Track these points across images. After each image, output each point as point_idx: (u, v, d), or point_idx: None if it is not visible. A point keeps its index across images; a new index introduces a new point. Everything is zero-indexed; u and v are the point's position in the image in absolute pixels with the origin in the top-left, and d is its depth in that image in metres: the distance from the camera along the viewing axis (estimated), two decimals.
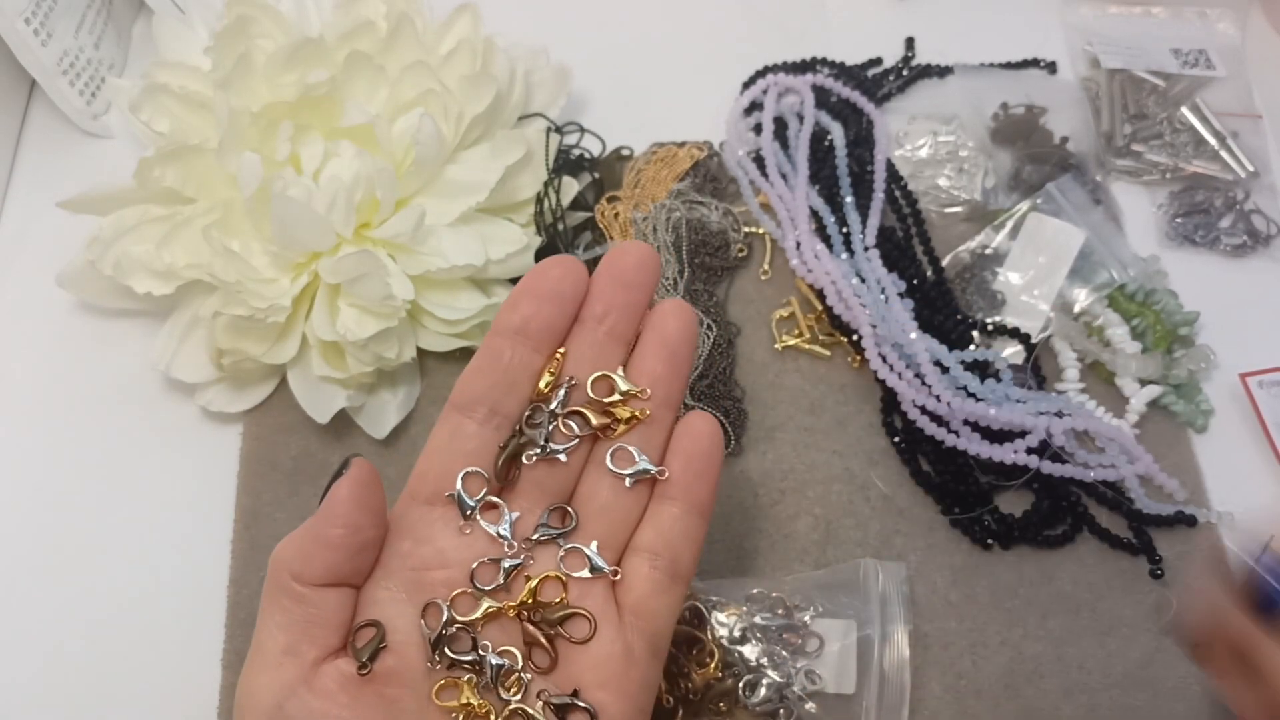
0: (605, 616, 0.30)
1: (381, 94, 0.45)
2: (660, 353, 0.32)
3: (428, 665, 0.29)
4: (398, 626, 0.29)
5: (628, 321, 0.32)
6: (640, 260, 0.32)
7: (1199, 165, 0.52)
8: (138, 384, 0.47)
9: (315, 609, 0.28)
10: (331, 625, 0.28)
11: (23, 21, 0.48)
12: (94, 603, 0.42)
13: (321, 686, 0.27)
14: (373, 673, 0.28)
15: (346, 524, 0.28)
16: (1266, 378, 0.46)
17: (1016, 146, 0.52)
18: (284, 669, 0.28)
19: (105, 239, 0.43)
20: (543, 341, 0.31)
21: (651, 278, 0.32)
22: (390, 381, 0.45)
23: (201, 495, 0.44)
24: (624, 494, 0.31)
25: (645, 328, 0.32)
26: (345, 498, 0.28)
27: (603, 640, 0.30)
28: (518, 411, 0.31)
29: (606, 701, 0.29)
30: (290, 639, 0.28)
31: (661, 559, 0.31)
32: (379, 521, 0.29)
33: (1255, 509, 0.43)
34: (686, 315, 0.32)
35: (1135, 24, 0.57)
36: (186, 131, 0.45)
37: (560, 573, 0.30)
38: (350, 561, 0.29)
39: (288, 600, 0.28)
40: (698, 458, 0.31)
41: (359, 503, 0.28)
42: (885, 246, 0.48)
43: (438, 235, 0.44)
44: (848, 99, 0.52)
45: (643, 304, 0.32)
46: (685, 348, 0.32)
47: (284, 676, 0.28)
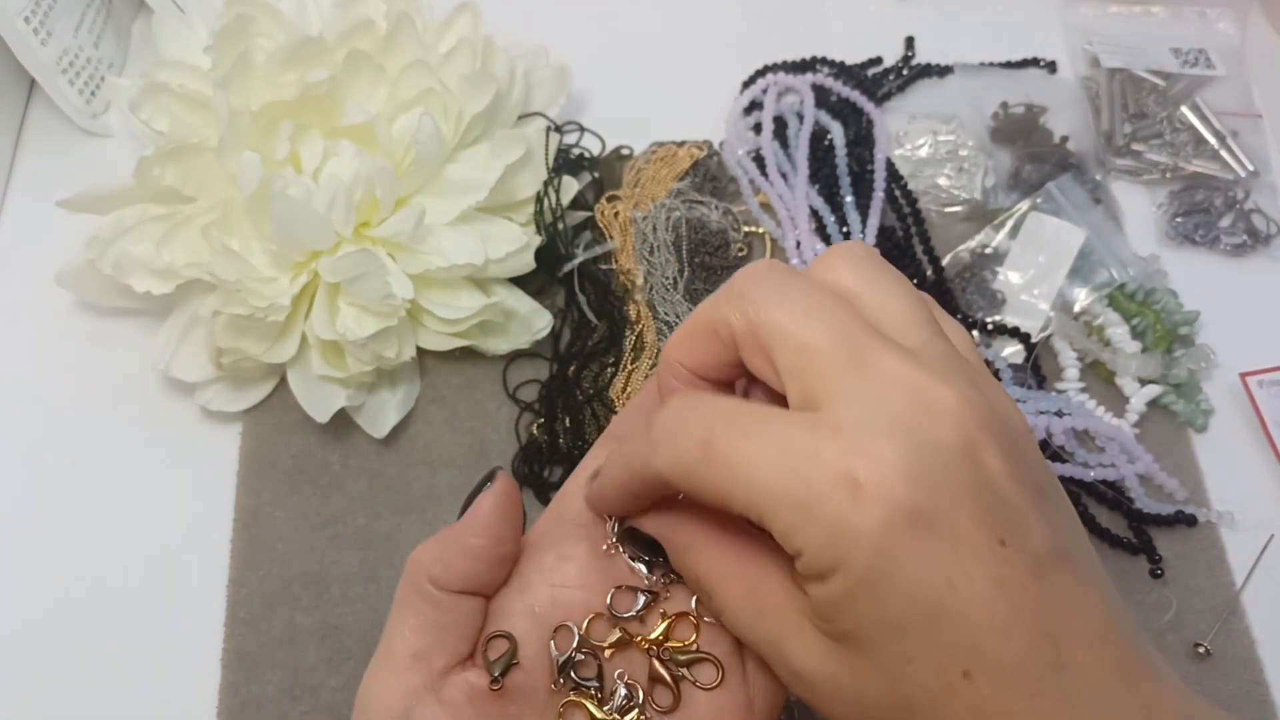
0: (730, 666, 0.29)
1: (381, 93, 0.45)
2: None
3: (551, 686, 0.28)
4: (526, 643, 0.29)
5: None
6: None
7: (1199, 165, 0.52)
8: (137, 383, 0.47)
9: (448, 614, 0.28)
10: (463, 633, 0.28)
11: (22, 20, 0.48)
12: (93, 602, 0.42)
13: (448, 697, 0.27)
14: (502, 688, 0.28)
15: (489, 535, 0.28)
16: (1266, 377, 0.46)
17: (1016, 146, 0.52)
18: (413, 674, 0.27)
19: (105, 238, 0.43)
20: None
21: None
22: (390, 381, 0.45)
23: (201, 494, 0.44)
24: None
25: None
26: (489, 509, 0.28)
27: (726, 690, 0.29)
28: None
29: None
30: (421, 644, 0.28)
31: None
32: (517, 536, 0.29)
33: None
34: None
35: (1135, 23, 0.57)
36: (186, 130, 0.45)
37: (693, 614, 0.30)
38: (488, 572, 0.29)
39: (423, 604, 0.28)
40: None
41: (502, 515, 0.28)
42: (885, 246, 0.48)
43: (437, 234, 0.44)
44: (847, 98, 0.52)
45: None
46: None
47: (412, 682, 0.27)
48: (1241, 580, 0.42)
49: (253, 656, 0.41)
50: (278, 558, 0.43)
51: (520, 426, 0.45)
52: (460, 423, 0.46)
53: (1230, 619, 0.41)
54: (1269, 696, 0.40)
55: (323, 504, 0.44)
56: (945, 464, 0.23)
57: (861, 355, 0.24)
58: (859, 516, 0.22)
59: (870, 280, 0.26)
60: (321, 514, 0.44)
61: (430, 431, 0.46)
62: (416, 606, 0.28)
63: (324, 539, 0.43)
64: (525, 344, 0.46)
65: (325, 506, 0.44)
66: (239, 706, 0.40)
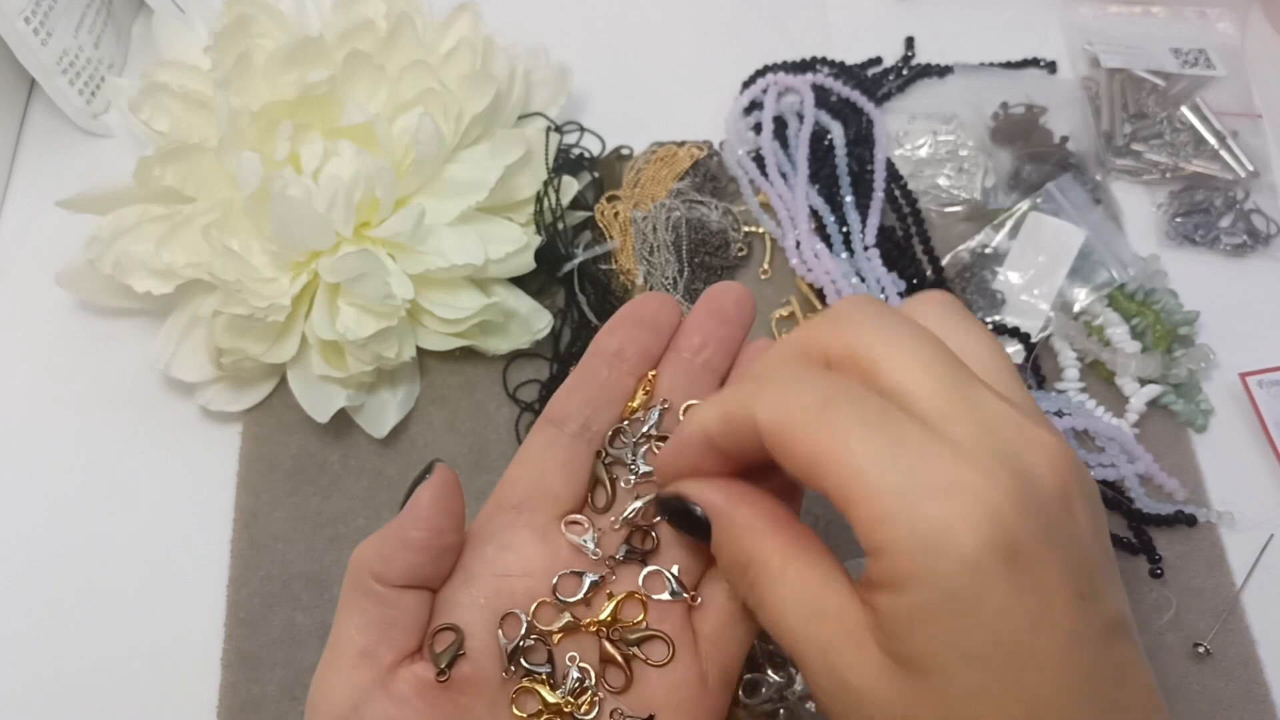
0: (682, 642, 0.30)
1: (381, 93, 0.45)
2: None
3: (502, 675, 0.29)
4: (474, 633, 0.29)
5: (723, 355, 0.33)
6: (739, 299, 0.33)
7: (1199, 165, 0.52)
8: (137, 383, 0.47)
9: (393, 610, 0.28)
10: (409, 627, 0.28)
11: (22, 21, 0.48)
12: (93, 602, 0.42)
13: (397, 691, 0.28)
14: (449, 679, 0.28)
15: (429, 526, 0.28)
16: (1266, 377, 0.46)
17: (1016, 146, 0.52)
18: (360, 670, 0.28)
19: (105, 238, 0.43)
20: (637, 365, 0.32)
21: (749, 316, 0.33)
22: (390, 381, 0.45)
23: (201, 494, 0.44)
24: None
25: (738, 364, 0.33)
26: (429, 501, 0.29)
27: (678, 665, 0.29)
28: (609, 427, 0.32)
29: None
30: (367, 640, 0.28)
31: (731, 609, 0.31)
32: (459, 526, 0.29)
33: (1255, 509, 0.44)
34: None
35: (1135, 23, 0.57)
36: (186, 131, 0.45)
37: (641, 593, 0.30)
38: (431, 564, 0.29)
39: (367, 600, 0.28)
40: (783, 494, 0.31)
41: (442, 506, 0.29)
42: (885, 246, 0.48)
43: (437, 234, 0.44)
44: (847, 98, 0.52)
45: (738, 340, 0.33)
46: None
47: (360, 678, 0.28)
48: (1241, 580, 0.42)
49: (253, 656, 0.41)
50: (278, 558, 0.43)
51: (520, 426, 0.45)
52: (460, 423, 0.46)
53: (1230, 619, 0.41)
54: (1269, 696, 0.40)
55: (323, 504, 0.44)
56: (1046, 505, 0.22)
57: (969, 386, 0.24)
58: (962, 528, 0.21)
59: (960, 327, 0.26)
60: (322, 514, 0.44)
61: (430, 431, 0.46)
62: (361, 604, 0.28)
63: (324, 539, 0.43)
64: (525, 344, 0.46)
65: (325, 506, 0.44)
66: (239, 706, 0.40)
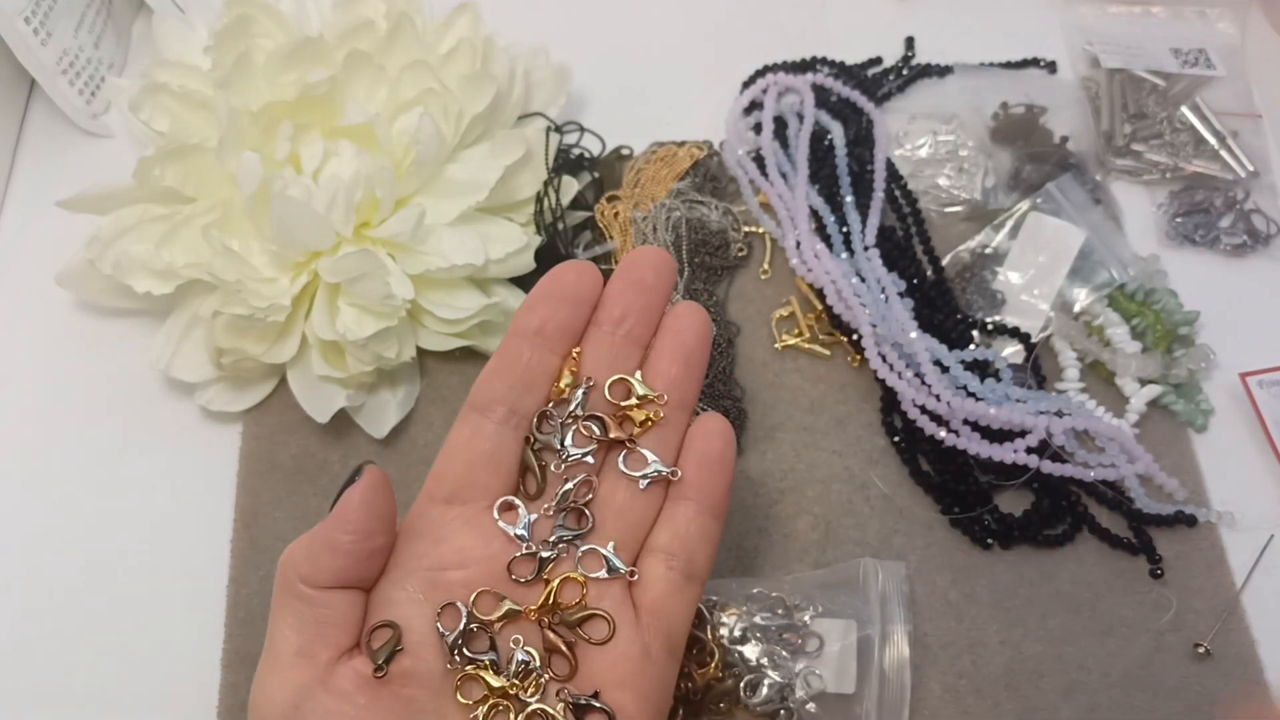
0: (623, 617, 0.30)
1: (381, 93, 0.45)
2: (676, 355, 0.32)
3: (446, 666, 0.29)
4: (414, 627, 0.29)
5: (645, 325, 0.32)
6: (657, 265, 0.32)
7: (1199, 165, 0.52)
8: (137, 383, 0.47)
9: (325, 610, 0.28)
10: (342, 625, 0.29)
11: (22, 21, 0.48)
12: (93, 602, 0.42)
13: (338, 687, 0.28)
14: (390, 674, 0.28)
15: (357, 530, 0.28)
16: (1266, 377, 0.46)
17: (1016, 146, 0.52)
18: (298, 670, 0.28)
19: (105, 238, 0.43)
20: (560, 343, 0.32)
21: (668, 282, 0.32)
22: (390, 381, 0.45)
23: (201, 494, 0.44)
24: (639, 496, 0.31)
25: (661, 331, 0.33)
26: (357, 504, 0.29)
27: (621, 640, 0.30)
28: (535, 410, 0.32)
29: (625, 701, 0.29)
30: (303, 640, 0.28)
31: (677, 559, 0.31)
32: (389, 529, 0.29)
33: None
34: (701, 318, 0.33)
35: (1135, 23, 0.57)
36: (186, 131, 0.45)
37: (579, 574, 0.30)
38: (358, 566, 0.29)
39: (298, 602, 0.29)
40: (711, 459, 0.32)
41: (370, 509, 0.29)
42: (885, 246, 0.48)
43: (437, 234, 0.44)
44: (848, 98, 0.52)
45: (659, 308, 0.33)
46: (700, 350, 0.32)
47: (299, 677, 0.28)
48: (1241, 580, 0.42)
49: (253, 656, 0.41)
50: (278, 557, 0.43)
51: None
52: None
53: (1230, 619, 0.41)
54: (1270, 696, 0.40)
55: (323, 504, 0.44)
56: None
57: None
58: None
59: None
60: (322, 514, 0.43)
61: (430, 431, 0.46)
62: (292, 605, 0.29)
63: None
64: None
65: (325, 506, 0.44)
66: (239, 706, 0.40)
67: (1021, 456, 0.42)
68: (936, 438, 0.43)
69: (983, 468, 0.44)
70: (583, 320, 0.32)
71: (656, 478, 0.31)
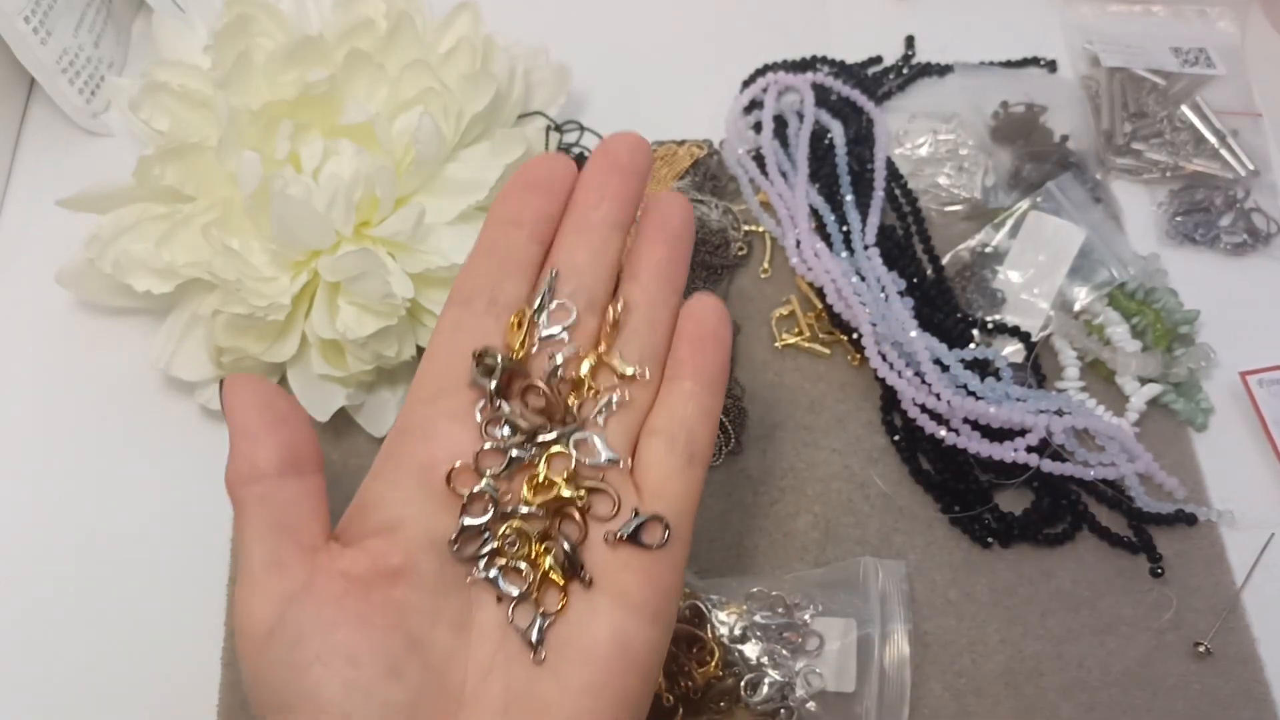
0: (625, 499, 0.29)
1: (381, 92, 0.45)
2: (660, 237, 0.31)
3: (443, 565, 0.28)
4: (409, 526, 0.28)
5: (623, 209, 0.31)
6: (632, 147, 0.31)
7: (1199, 164, 0.52)
8: (137, 382, 0.47)
9: (282, 505, 0.28)
10: (305, 522, 0.28)
11: (22, 20, 0.48)
12: (93, 601, 0.42)
13: (322, 591, 0.27)
14: (380, 574, 0.27)
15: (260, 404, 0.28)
16: (1266, 376, 0.46)
17: (1016, 145, 0.52)
18: (272, 581, 0.27)
19: (105, 237, 0.43)
20: (537, 230, 0.31)
21: (645, 164, 0.31)
22: (390, 380, 0.45)
23: (201, 493, 0.44)
24: (632, 386, 0.30)
25: (644, 217, 0.32)
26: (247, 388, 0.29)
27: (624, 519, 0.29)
28: (516, 298, 0.30)
29: (630, 584, 0.28)
30: (268, 550, 0.27)
31: (678, 440, 0.30)
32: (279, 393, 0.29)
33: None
34: (684, 204, 0.32)
35: (1135, 22, 0.57)
36: (186, 130, 0.45)
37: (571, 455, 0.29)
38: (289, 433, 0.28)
39: (252, 508, 0.28)
40: (704, 336, 0.31)
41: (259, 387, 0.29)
42: (885, 245, 0.48)
43: (437, 233, 0.44)
44: (848, 97, 0.52)
45: (638, 191, 0.31)
46: (686, 234, 0.31)
47: (275, 589, 0.27)
48: (1242, 579, 0.42)
49: None
50: None
51: None
52: None
53: (1230, 618, 0.41)
54: (1269, 695, 0.40)
55: None
56: None
57: None
58: None
59: None
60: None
61: None
62: (250, 515, 0.28)
63: None
64: None
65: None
66: (239, 706, 0.40)
67: (1021, 455, 0.42)
68: (936, 436, 0.43)
69: (983, 466, 0.44)
70: (557, 208, 0.31)
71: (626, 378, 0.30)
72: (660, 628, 0.29)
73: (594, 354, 0.30)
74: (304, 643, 0.26)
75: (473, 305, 0.30)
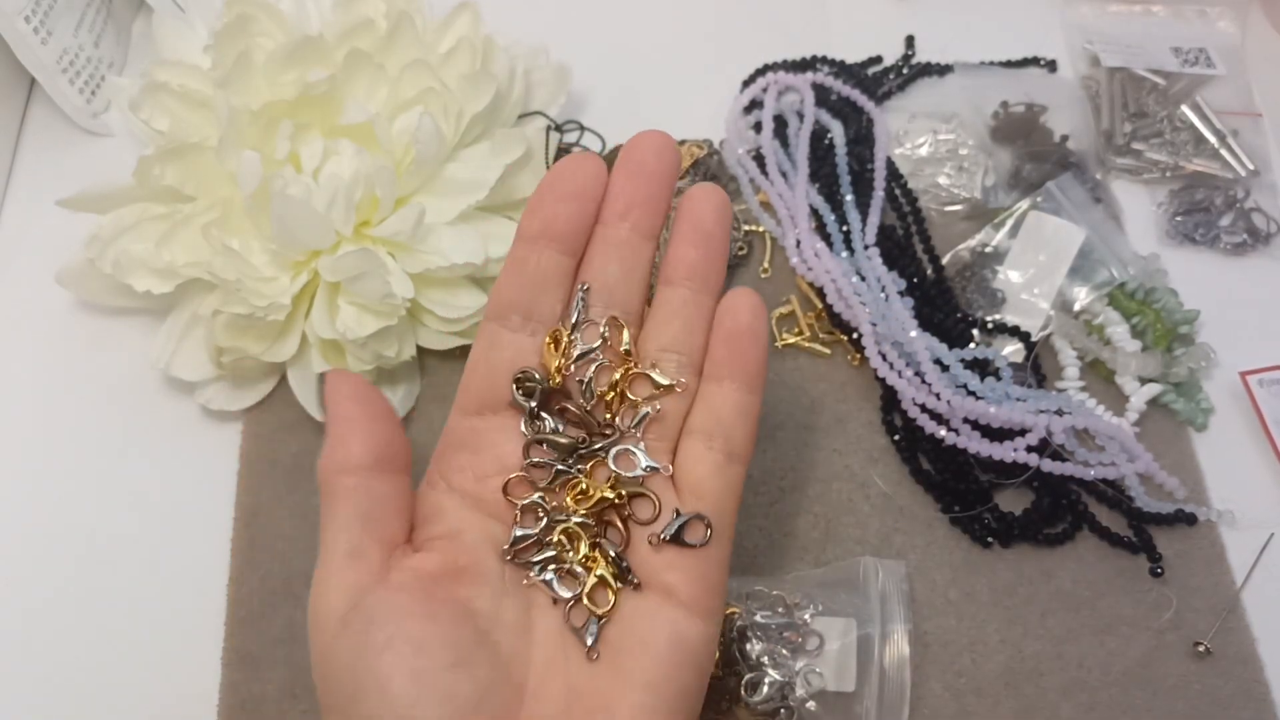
0: (666, 501, 0.30)
1: (381, 92, 0.45)
2: (694, 238, 0.31)
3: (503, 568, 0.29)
4: (466, 530, 0.29)
5: (652, 215, 0.31)
6: (659, 150, 0.31)
7: (1199, 163, 0.52)
8: (137, 382, 0.47)
9: (371, 501, 0.28)
10: (390, 517, 0.29)
11: (22, 20, 0.48)
12: (93, 601, 0.42)
13: (396, 582, 0.28)
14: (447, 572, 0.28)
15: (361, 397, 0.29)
16: (1266, 376, 0.46)
17: (1016, 145, 0.52)
18: (351, 571, 0.28)
19: (105, 237, 0.43)
20: (567, 243, 0.30)
21: (672, 166, 0.31)
22: (390, 380, 0.45)
23: (201, 493, 0.44)
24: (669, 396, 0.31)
25: (677, 215, 0.31)
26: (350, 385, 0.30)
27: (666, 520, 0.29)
28: (551, 314, 0.31)
29: (676, 581, 0.29)
30: (352, 540, 0.28)
31: (716, 439, 0.30)
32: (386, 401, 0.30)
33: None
34: (718, 198, 0.31)
35: (1135, 22, 0.57)
36: (186, 130, 0.45)
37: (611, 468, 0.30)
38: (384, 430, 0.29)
39: (343, 496, 0.28)
40: (740, 332, 0.31)
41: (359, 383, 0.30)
42: (885, 245, 0.48)
43: (437, 233, 0.44)
44: (848, 97, 0.52)
45: (665, 195, 0.31)
46: (720, 231, 0.31)
47: (354, 578, 0.28)
48: (1242, 579, 0.42)
49: (253, 655, 0.41)
50: (278, 556, 0.43)
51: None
52: None
53: (1230, 618, 0.41)
54: (1269, 695, 0.40)
55: None
56: None
57: None
58: None
59: None
60: None
61: (430, 431, 0.46)
62: (338, 505, 0.28)
63: None
64: None
65: None
66: (239, 705, 0.40)
67: (1021, 455, 0.42)
68: (936, 436, 0.43)
69: (983, 466, 0.44)
70: (590, 215, 0.31)
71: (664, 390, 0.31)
72: (711, 623, 0.29)
73: (630, 366, 0.31)
74: (376, 630, 0.27)
75: (509, 321, 0.31)
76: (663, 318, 0.31)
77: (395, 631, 0.27)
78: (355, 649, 0.27)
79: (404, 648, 0.26)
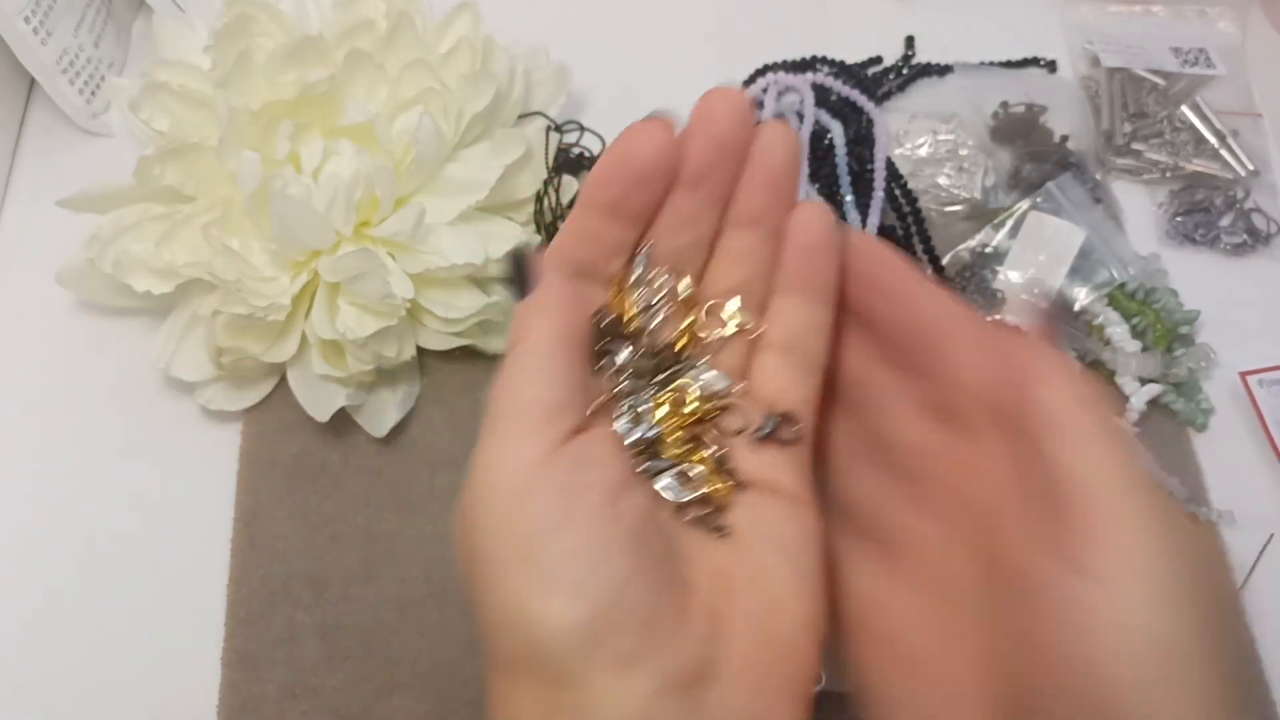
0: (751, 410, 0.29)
1: (381, 92, 0.45)
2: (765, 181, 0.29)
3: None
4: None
5: (725, 185, 0.29)
6: (734, 112, 0.29)
7: (1199, 164, 0.52)
8: (137, 382, 0.47)
9: (576, 322, 0.27)
10: (590, 399, 0.27)
11: (22, 20, 0.48)
12: (93, 601, 0.42)
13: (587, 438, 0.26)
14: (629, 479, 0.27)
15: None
16: (1266, 376, 0.46)
17: (1016, 145, 0.52)
18: (546, 433, 0.25)
19: (105, 237, 0.43)
20: (637, 219, 0.29)
21: (747, 130, 0.29)
22: (390, 380, 0.45)
23: (201, 493, 0.44)
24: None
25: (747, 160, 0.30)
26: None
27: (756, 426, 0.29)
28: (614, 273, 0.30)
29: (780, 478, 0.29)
30: (558, 397, 0.26)
31: (792, 351, 0.29)
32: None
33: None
34: (790, 139, 0.30)
35: (1135, 22, 0.57)
36: (186, 130, 0.45)
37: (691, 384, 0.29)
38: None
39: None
40: (811, 244, 0.29)
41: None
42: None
43: (437, 234, 0.44)
44: (847, 97, 0.52)
45: (739, 162, 0.30)
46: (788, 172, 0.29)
47: (544, 443, 0.25)
48: (1242, 579, 0.42)
49: (253, 656, 0.41)
50: (278, 557, 0.43)
51: None
52: (460, 423, 0.46)
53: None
54: (1269, 696, 0.40)
55: (323, 503, 0.44)
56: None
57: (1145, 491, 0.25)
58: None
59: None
60: (322, 513, 0.44)
61: (430, 431, 0.46)
62: (539, 332, 0.27)
63: (324, 538, 0.43)
64: None
65: (325, 506, 0.44)
66: (239, 705, 0.40)
67: None
68: None
69: None
70: (662, 193, 0.29)
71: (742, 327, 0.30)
72: (818, 513, 0.29)
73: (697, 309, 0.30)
74: (584, 474, 0.25)
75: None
76: (730, 261, 0.30)
77: (599, 477, 0.25)
78: (561, 486, 0.25)
79: (604, 494, 0.25)
